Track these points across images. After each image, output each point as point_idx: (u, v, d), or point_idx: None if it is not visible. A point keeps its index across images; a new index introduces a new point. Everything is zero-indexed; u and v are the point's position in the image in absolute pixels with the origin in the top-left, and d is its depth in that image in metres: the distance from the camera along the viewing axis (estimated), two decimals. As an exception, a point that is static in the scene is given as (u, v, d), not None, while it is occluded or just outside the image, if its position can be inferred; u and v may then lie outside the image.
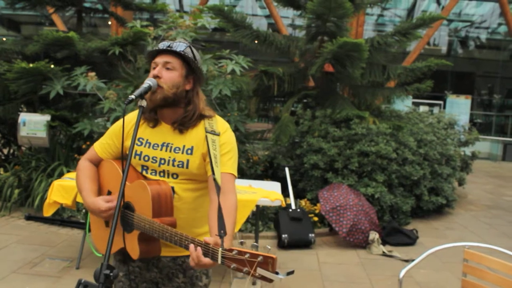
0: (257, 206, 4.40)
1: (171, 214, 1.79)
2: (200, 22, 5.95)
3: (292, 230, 5.33)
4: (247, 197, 4.19)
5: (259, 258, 1.41)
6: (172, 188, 1.84)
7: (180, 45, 1.87)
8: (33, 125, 6.23)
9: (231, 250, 1.47)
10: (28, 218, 5.82)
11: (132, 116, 2.01)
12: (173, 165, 1.87)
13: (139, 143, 1.93)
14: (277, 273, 1.40)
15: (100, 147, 2.04)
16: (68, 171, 5.54)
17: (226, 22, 6.92)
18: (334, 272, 4.67)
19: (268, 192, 4.44)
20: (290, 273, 1.44)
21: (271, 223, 5.76)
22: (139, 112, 1.76)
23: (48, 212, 4.23)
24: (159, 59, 1.87)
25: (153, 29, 6.09)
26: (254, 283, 4.20)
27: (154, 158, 1.90)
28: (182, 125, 1.90)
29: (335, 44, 5.93)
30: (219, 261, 1.50)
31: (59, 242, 5.10)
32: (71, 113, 6.39)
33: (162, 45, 1.89)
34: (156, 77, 1.83)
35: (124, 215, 1.86)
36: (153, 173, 1.90)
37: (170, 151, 1.89)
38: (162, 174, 1.89)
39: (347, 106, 6.55)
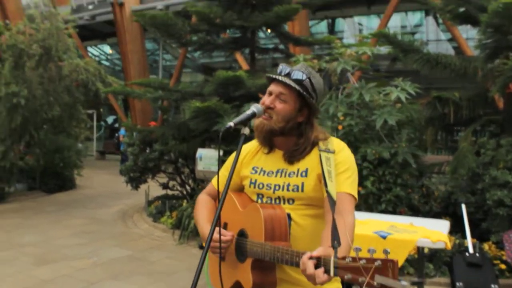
0: (419, 248, 3.91)
1: (285, 239, 1.69)
2: (361, 50, 5.76)
3: (468, 278, 4.58)
4: (405, 236, 3.75)
5: (377, 263, 1.25)
6: (288, 215, 1.74)
7: (298, 74, 1.78)
8: (208, 159, 6.72)
9: (344, 258, 1.34)
10: (201, 247, 6.21)
11: (248, 145, 1.98)
12: (287, 189, 1.79)
13: (253, 171, 1.90)
14: (399, 280, 1.22)
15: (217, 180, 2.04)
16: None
17: (394, 47, 6.55)
18: (521, 334, 3.85)
19: (430, 232, 3.90)
20: (417, 283, 1.19)
21: (445, 268, 5.08)
22: (240, 141, 1.73)
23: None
24: (275, 88, 1.80)
25: (317, 61, 6.11)
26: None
27: (269, 185, 1.84)
28: (293, 157, 1.82)
29: (518, 59, 5.09)
30: (332, 273, 1.36)
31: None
32: (241, 148, 6.73)
33: (282, 70, 1.82)
34: (268, 108, 1.78)
35: (239, 243, 1.80)
36: (269, 201, 1.83)
37: (285, 176, 1.82)
38: (277, 200, 1.82)
39: (542, 131, 5.52)
